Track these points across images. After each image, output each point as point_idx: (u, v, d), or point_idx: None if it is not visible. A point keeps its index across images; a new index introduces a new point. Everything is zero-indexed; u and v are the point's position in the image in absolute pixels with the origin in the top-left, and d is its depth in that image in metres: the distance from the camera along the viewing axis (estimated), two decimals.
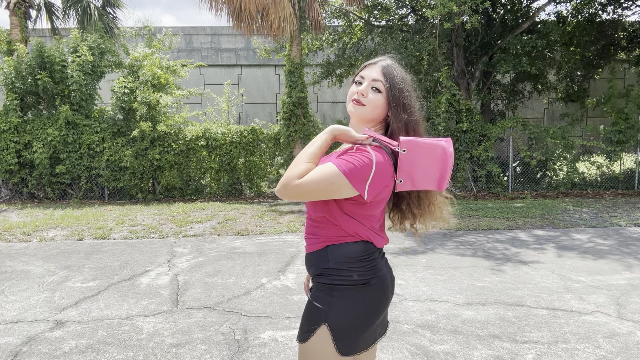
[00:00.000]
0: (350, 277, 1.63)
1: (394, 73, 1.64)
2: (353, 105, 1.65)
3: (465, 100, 11.62)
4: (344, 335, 1.62)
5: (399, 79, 1.63)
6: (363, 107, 1.64)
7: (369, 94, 1.63)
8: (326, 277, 1.65)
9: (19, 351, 3.34)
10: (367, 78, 1.64)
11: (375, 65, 1.66)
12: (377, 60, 1.69)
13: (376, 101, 1.63)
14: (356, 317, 1.63)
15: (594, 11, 13.43)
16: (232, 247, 6.51)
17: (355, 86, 1.67)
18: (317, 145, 1.57)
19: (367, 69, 1.67)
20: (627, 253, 5.93)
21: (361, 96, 1.63)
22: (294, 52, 11.68)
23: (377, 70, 1.64)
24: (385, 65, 1.65)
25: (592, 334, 3.52)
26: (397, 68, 1.67)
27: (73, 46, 11.41)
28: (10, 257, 6.07)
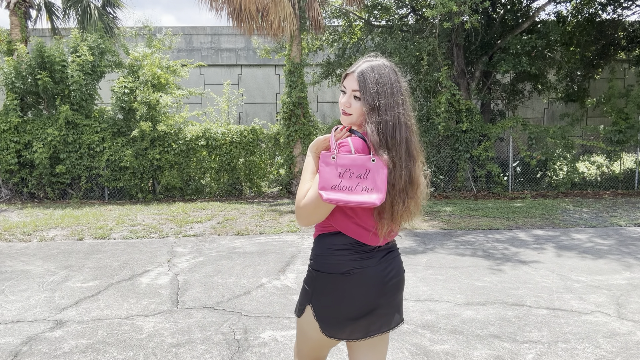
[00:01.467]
0: (331, 265, 1.73)
1: (367, 79, 1.68)
2: (343, 116, 1.77)
3: (465, 100, 11.62)
4: (324, 318, 1.75)
5: (373, 84, 1.67)
6: (350, 116, 1.73)
7: (352, 103, 1.72)
8: (313, 262, 1.79)
9: (19, 351, 3.34)
10: (348, 88, 1.74)
11: (353, 74, 1.73)
12: (354, 68, 1.74)
13: (359, 109, 1.71)
14: (334, 304, 1.73)
15: (593, 11, 13.43)
16: (232, 247, 6.51)
17: (341, 95, 1.78)
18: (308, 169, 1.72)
19: (348, 79, 1.75)
20: (627, 253, 5.93)
21: (346, 107, 1.73)
22: (294, 52, 11.68)
23: (354, 79, 1.72)
24: (360, 73, 1.70)
25: (592, 334, 3.52)
26: (373, 71, 1.70)
27: (73, 46, 11.41)
28: (11, 257, 6.07)
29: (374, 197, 1.56)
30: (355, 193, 1.57)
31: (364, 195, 1.56)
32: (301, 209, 1.64)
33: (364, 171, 1.59)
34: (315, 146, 1.76)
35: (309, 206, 1.63)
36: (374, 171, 1.59)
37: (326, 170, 1.60)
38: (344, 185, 1.58)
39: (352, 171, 1.59)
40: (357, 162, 1.60)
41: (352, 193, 1.57)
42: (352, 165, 1.60)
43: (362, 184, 1.58)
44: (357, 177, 1.58)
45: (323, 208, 1.63)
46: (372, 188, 1.57)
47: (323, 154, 1.62)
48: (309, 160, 1.75)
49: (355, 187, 1.58)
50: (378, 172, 1.58)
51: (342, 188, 1.57)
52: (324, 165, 1.61)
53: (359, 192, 1.57)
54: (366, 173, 1.59)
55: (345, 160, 1.61)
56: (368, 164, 1.60)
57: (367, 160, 1.60)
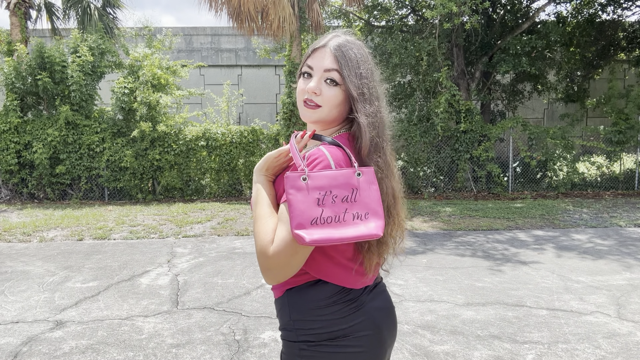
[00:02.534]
0: (318, 330, 1.25)
1: (350, 54, 1.25)
2: (306, 110, 1.27)
3: (465, 101, 11.62)
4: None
5: (356, 61, 1.25)
6: (319, 109, 1.25)
7: (322, 89, 1.25)
8: (291, 332, 1.28)
9: (19, 351, 3.34)
10: (317, 68, 1.26)
11: (325, 48, 1.26)
12: (326, 40, 1.29)
13: (334, 97, 1.24)
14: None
15: (593, 11, 13.45)
16: (232, 247, 6.51)
17: (303, 80, 1.29)
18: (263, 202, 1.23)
19: (316, 56, 1.27)
20: (627, 253, 5.93)
21: (314, 95, 1.25)
22: (294, 53, 11.68)
23: (329, 55, 1.25)
24: (337, 46, 1.25)
25: (592, 334, 3.52)
26: (353, 45, 1.28)
27: (73, 46, 11.42)
28: (10, 258, 6.07)
29: (373, 226, 1.13)
30: (346, 225, 1.11)
31: (359, 226, 1.12)
32: (271, 259, 1.14)
33: (350, 192, 1.14)
34: (264, 167, 1.26)
35: (282, 254, 1.13)
36: (363, 189, 1.15)
37: (298, 198, 1.11)
38: (327, 216, 1.11)
39: (335, 194, 1.12)
40: (339, 180, 1.13)
41: (342, 225, 1.11)
42: (332, 185, 1.13)
43: (350, 209, 1.13)
44: (342, 201, 1.13)
45: (302, 254, 1.15)
46: (366, 213, 1.14)
47: (289, 177, 1.12)
48: (258, 189, 1.24)
49: (344, 216, 1.12)
50: (369, 190, 1.15)
51: (326, 221, 1.11)
52: (294, 191, 1.11)
53: (350, 223, 1.12)
54: (353, 194, 1.14)
55: (322, 179, 1.13)
56: (353, 181, 1.14)
57: (351, 175, 1.15)
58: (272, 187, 1.27)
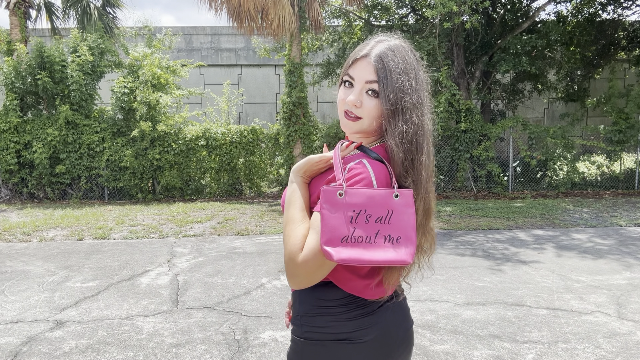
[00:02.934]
0: (325, 328, 1.22)
1: (390, 65, 1.20)
2: (347, 121, 1.25)
3: (465, 100, 11.62)
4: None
5: (397, 73, 1.19)
6: (360, 121, 1.23)
7: (363, 101, 1.22)
8: (298, 327, 1.27)
9: (19, 351, 3.33)
10: (359, 80, 1.23)
11: (367, 58, 1.22)
12: (367, 49, 1.24)
13: (375, 109, 1.22)
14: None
15: (594, 11, 13.44)
16: (232, 247, 6.51)
17: (344, 90, 1.27)
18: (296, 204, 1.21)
19: (357, 66, 1.24)
20: (627, 253, 5.93)
21: (354, 107, 1.23)
22: (293, 52, 11.68)
23: (369, 66, 1.22)
24: (378, 56, 1.21)
25: (592, 334, 3.52)
26: (398, 54, 1.23)
27: (73, 46, 11.42)
28: (10, 257, 6.07)
29: (403, 252, 1.09)
30: (376, 247, 1.08)
31: (389, 251, 1.08)
32: (300, 267, 1.13)
33: (384, 213, 1.10)
34: (303, 169, 1.24)
35: (309, 263, 1.12)
36: (398, 212, 1.11)
37: (331, 215, 1.09)
38: (358, 236, 1.08)
39: (369, 213, 1.10)
40: (376, 200, 1.10)
41: (372, 247, 1.08)
42: (369, 204, 1.10)
43: (383, 231, 1.09)
44: (375, 222, 1.10)
45: (329, 265, 1.15)
46: (399, 237, 1.09)
47: (326, 191, 1.10)
48: (294, 189, 1.22)
49: (375, 238, 1.09)
50: (405, 213, 1.11)
51: (357, 240, 1.08)
52: (329, 206, 1.09)
53: (381, 246, 1.09)
54: (388, 216, 1.10)
55: (359, 197, 1.10)
56: (390, 202, 1.11)
57: (388, 196, 1.11)
58: (307, 189, 1.25)
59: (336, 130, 11.81)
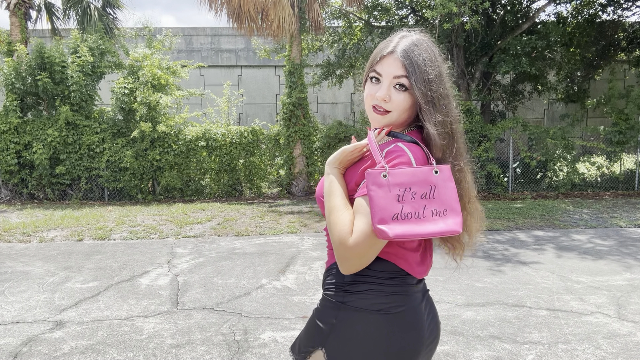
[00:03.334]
0: (367, 297, 1.29)
1: (417, 60, 1.26)
2: (376, 115, 1.31)
3: (465, 101, 11.62)
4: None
5: (425, 66, 1.26)
6: (388, 114, 1.30)
7: (391, 95, 1.28)
8: (337, 293, 1.33)
9: (19, 352, 3.33)
10: (387, 75, 1.29)
11: (393, 55, 1.29)
12: (392, 45, 1.30)
13: (403, 103, 1.28)
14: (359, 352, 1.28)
15: (594, 12, 13.44)
16: (232, 247, 6.51)
17: (370, 85, 1.32)
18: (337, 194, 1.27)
19: (384, 63, 1.30)
20: (627, 254, 5.93)
21: (383, 102, 1.28)
22: (293, 53, 11.68)
23: (396, 62, 1.28)
24: (404, 52, 1.27)
25: (592, 335, 3.52)
26: (422, 48, 1.29)
27: (73, 47, 11.42)
28: (10, 258, 6.07)
29: (451, 222, 1.17)
30: (425, 221, 1.16)
31: (438, 223, 1.16)
32: (351, 249, 1.18)
33: (428, 189, 1.18)
34: (339, 159, 1.31)
35: (361, 245, 1.17)
36: (440, 187, 1.19)
37: (379, 194, 1.15)
38: (407, 212, 1.15)
39: (414, 190, 1.16)
40: (418, 177, 1.18)
41: (422, 222, 1.15)
42: (412, 182, 1.17)
43: (429, 206, 1.17)
44: (421, 198, 1.17)
45: (378, 245, 1.20)
46: (445, 210, 1.18)
47: (371, 173, 1.17)
48: (332, 180, 1.29)
49: (424, 213, 1.16)
50: (446, 187, 1.19)
51: (407, 217, 1.15)
52: (376, 187, 1.15)
53: (429, 219, 1.16)
54: (432, 191, 1.18)
55: (402, 176, 1.17)
56: (431, 178, 1.18)
57: (429, 172, 1.19)
58: (344, 179, 1.32)
59: (336, 131, 11.81)
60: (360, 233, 1.17)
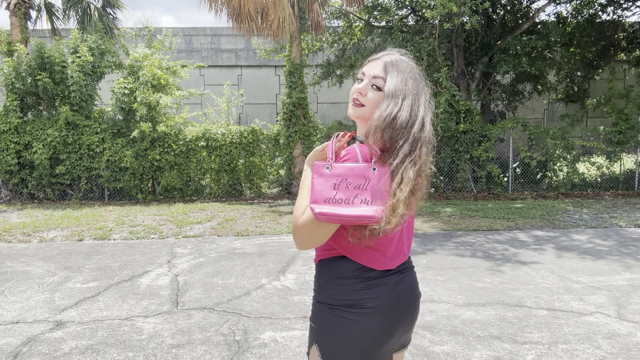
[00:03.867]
0: (336, 296, 1.48)
1: (399, 66, 1.48)
2: (352, 107, 1.52)
3: (465, 101, 11.62)
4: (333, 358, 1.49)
5: (402, 72, 1.46)
6: (362, 107, 1.49)
7: (368, 92, 1.48)
8: (317, 294, 1.55)
9: (19, 352, 3.33)
10: (368, 75, 1.50)
11: (379, 60, 1.50)
12: (381, 55, 1.53)
13: (375, 100, 1.47)
14: (345, 345, 1.47)
15: (593, 12, 13.44)
16: (232, 247, 6.51)
17: (356, 84, 1.54)
18: (306, 184, 1.47)
19: (370, 65, 1.52)
20: (627, 254, 5.93)
21: (360, 95, 1.49)
22: (294, 53, 11.68)
23: (380, 66, 1.49)
24: (389, 61, 1.48)
25: (592, 335, 3.52)
26: (403, 62, 1.50)
27: (73, 47, 11.42)
28: (10, 258, 6.07)
29: (373, 210, 1.33)
30: (352, 205, 1.34)
31: (363, 208, 1.33)
32: (299, 228, 1.39)
33: (363, 181, 1.36)
34: (313, 158, 1.55)
35: (306, 226, 1.38)
36: (374, 181, 1.36)
37: (319, 181, 1.37)
38: (339, 198, 1.34)
39: (349, 181, 1.36)
40: (355, 172, 1.37)
41: (349, 206, 1.34)
42: (349, 174, 1.37)
43: (361, 195, 1.35)
44: (354, 188, 1.36)
45: (323, 227, 1.38)
46: (372, 200, 1.35)
47: (316, 165, 1.39)
48: (306, 175, 1.50)
49: (353, 200, 1.34)
50: (379, 182, 1.36)
51: (337, 201, 1.34)
52: (317, 176, 1.38)
53: (357, 205, 1.34)
54: (366, 183, 1.36)
55: (341, 169, 1.38)
56: (368, 173, 1.37)
57: (366, 168, 1.37)
58: None
59: (336, 130, 11.81)
60: (306, 215, 1.38)
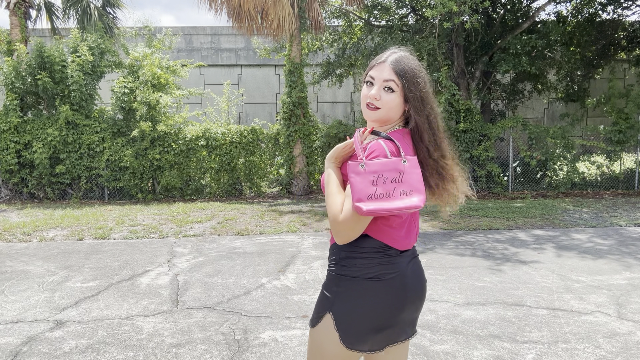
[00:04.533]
0: (357, 268, 1.60)
1: (405, 67, 1.58)
2: (368, 111, 1.62)
3: (465, 100, 11.62)
4: (348, 327, 1.59)
5: (412, 72, 1.58)
6: (378, 110, 1.60)
7: (382, 96, 1.59)
8: (336, 267, 1.65)
9: (19, 351, 3.34)
10: (378, 79, 1.59)
11: (385, 63, 1.60)
12: (385, 57, 1.62)
13: (390, 102, 1.59)
14: (358, 312, 1.59)
15: (594, 11, 13.43)
16: (232, 247, 6.51)
17: (366, 88, 1.63)
18: (333, 182, 1.59)
19: (377, 69, 1.61)
20: (626, 253, 5.93)
21: (375, 100, 1.59)
22: (293, 52, 11.68)
23: (387, 68, 1.59)
24: (395, 61, 1.58)
25: (592, 334, 3.52)
26: (409, 60, 1.61)
27: (73, 46, 11.42)
28: (11, 257, 6.07)
29: (416, 200, 1.47)
30: (394, 199, 1.47)
31: (405, 200, 1.47)
32: (341, 224, 1.50)
33: (397, 174, 1.49)
34: (334, 156, 1.63)
35: (347, 221, 1.49)
36: (407, 173, 1.49)
37: (357, 180, 1.47)
38: (380, 193, 1.46)
39: (386, 176, 1.48)
40: (389, 166, 1.49)
41: (391, 199, 1.46)
42: (383, 170, 1.49)
43: (399, 188, 1.48)
44: (391, 182, 1.48)
45: (363, 221, 1.52)
46: (411, 190, 1.48)
47: (350, 164, 1.50)
48: (329, 173, 1.60)
49: (393, 193, 1.47)
50: (412, 173, 1.50)
51: (379, 196, 1.46)
52: (354, 175, 1.49)
53: (397, 197, 1.47)
54: (400, 176, 1.49)
55: (375, 166, 1.49)
56: (400, 166, 1.50)
57: (398, 162, 1.50)
58: (339, 171, 1.64)
59: (336, 130, 11.81)
60: (347, 211, 1.49)
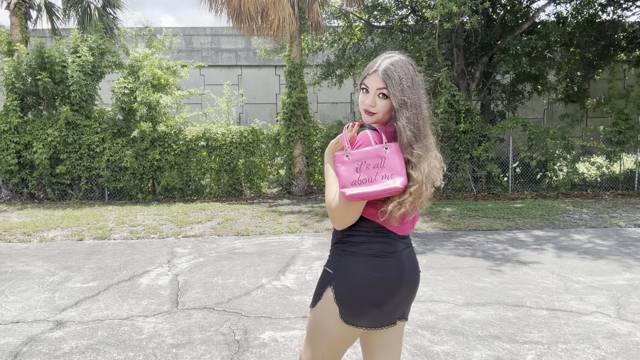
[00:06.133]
0: (359, 244, 1.72)
1: (393, 75, 1.70)
2: (367, 116, 1.76)
3: (465, 101, 11.62)
4: (347, 301, 1.70)
5: (398, 80, 1.69)
6: (374, 115, 1.74)
7: (376, 102, 1.72)
8: (339, 245, 1.77)
9: (19, 351, 3.34)
10: (372, 88, 1.73)
11: (376, 73, 1.72)
12: (376, 66, 1.74)
13: (384, 107, 1.72)
14: (358, 286, 1.69)
15: (593, 12, 13.43)
16: (232, 247, 6.51)
17: (363, 95, 1.77)
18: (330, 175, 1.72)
19: (370, 78, 1.74)
20: (626, 254, 5.93)
21: (370, 107, 1.73)
22: (294, 53, 11.68)
23: (378, 78, 1.71)
24: (384, 71, 1.71)
25: (592, 335, 3.52)
26: (397, 67, 1.71)
27: (73, 46, 11.42)
28: (11, 258, 6.07)
29: (398, 181, 1.59)
30: (376, 183, 1.59)
31: (386, 182, 1.59)
32: (334, 210, 1.66)
33: (379, 160, 1.61)
34: (330, 150, 1.78)
35: (340, 208, 1.64)
36: (389, 158, 1.61)
37: (343, 168, 1.63)
38: (363, 179, 1.59)
39: (368, 163, 1.61)
40: (371, 153, 1.62)
41: (373, 183, 1.59)
42: (366, 157, 1.62)
43: (381, 172, 1.60)
44: (374, 168, 1.61)
45: (354, 206, 1.64)
46: (392, 174, 1.60)
47: (337, 155, 1.66)
48: (328, 167, 1.76)
49: (375, 177, 1.60)
50: (394, 158, 1.61)
51: (362, 181, 1.59)
52: (340, 164, 1.64)
53: (379, 181, 1.59)
54: (382, 162, 1.61)
55: (359, 154, 1.63)
56: (382, 153, 1.62)
57: (380, 149, 1.62)
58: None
59: (336, 130, 11.81)
60: (337, 199, 1.65)
